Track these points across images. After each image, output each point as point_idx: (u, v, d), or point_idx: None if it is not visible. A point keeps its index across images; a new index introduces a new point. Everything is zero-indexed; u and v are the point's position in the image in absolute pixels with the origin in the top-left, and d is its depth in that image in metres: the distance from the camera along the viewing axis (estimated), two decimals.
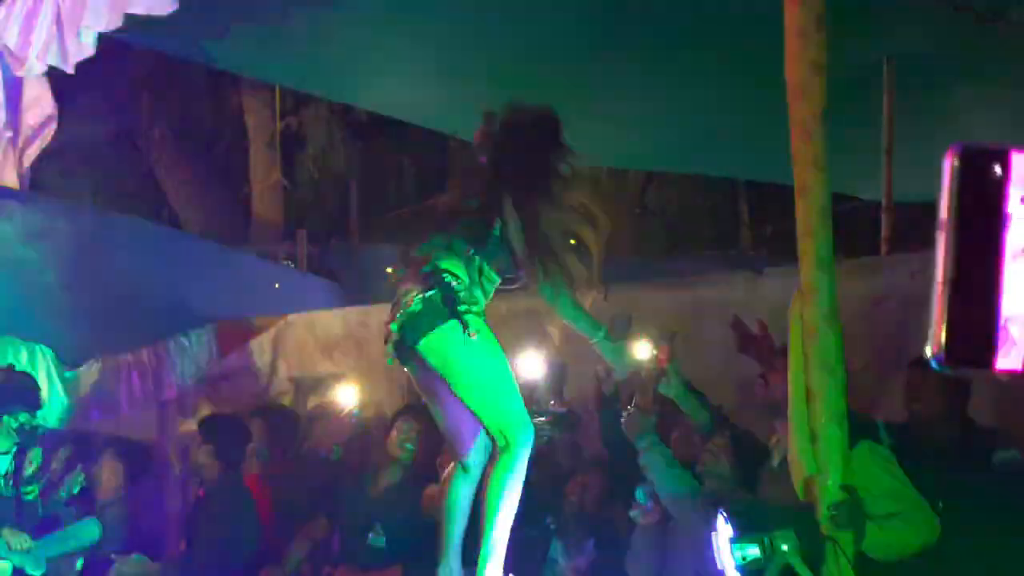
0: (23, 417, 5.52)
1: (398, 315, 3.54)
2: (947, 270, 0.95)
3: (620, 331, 3.85)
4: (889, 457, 3.51)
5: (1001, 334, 0.95)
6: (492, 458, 3.54)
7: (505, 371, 3.55)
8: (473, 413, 3.53)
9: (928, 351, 0.96)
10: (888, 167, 6.22)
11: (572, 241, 3.61)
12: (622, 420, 4.42)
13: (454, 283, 3.50)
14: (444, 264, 3.56)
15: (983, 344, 0.96)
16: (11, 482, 5.57)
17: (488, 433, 3.53)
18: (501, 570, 3.50)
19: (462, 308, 3.46)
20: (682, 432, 4.69)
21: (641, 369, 4.37)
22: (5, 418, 5.47)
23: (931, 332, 0.96)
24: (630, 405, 4.39)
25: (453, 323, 3.45)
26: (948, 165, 0.98)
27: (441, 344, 3.47)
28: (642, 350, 4.16)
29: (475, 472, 3.65)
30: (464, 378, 3.50)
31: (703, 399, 4.55)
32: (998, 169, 0.97)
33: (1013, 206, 0.96)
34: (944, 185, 0.97)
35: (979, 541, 3.50)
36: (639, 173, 12.16)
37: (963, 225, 0.96)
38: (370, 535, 5.32)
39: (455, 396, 3.54)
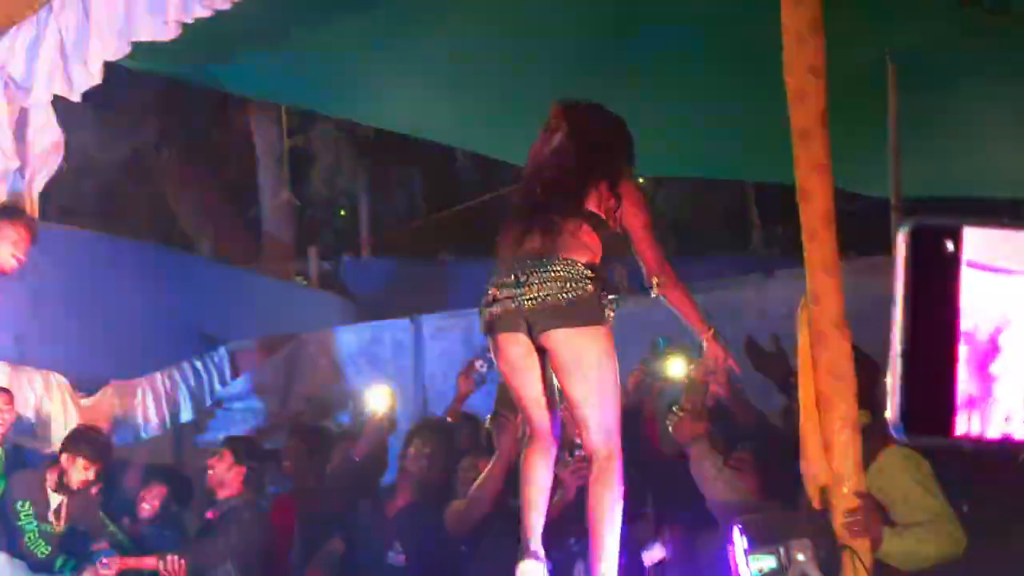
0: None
1: (540, 294, 3.65)
2: (902, 344, 0.98)
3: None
4: (920, 465, 3.45)
5: (958, 404, 0.98)
6: (594, 474, 3.67)
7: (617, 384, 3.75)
8: (583, 414, 3.68)
9: (888, 420, 0.99)
10: (896, 164, 6.20)
11: None
12: (670, 425, 4.35)
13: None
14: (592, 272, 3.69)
15: (940, 414, 0.99)
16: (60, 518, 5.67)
17: (590, 440, 3.68)
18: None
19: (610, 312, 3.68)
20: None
21: (688, 373, 4.41)
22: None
23: (889, 402, 0.99)
24: (675, 408, 4.33)
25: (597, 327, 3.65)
26: (901, 243, 1.00)
27: (582, 341, 3.65)
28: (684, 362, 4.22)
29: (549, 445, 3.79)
30: (594, 380, 3.67)
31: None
32: (950, 245, 0.99)
33: (966, 281, 0.99)
34: (897, 262, 1.00)
35: (1006, 541, 3.46)
36: (648, 178, 12.14)
37: (917, 301, 0.99)
38: (389, 553, 5.31)
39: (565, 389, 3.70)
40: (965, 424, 0.99)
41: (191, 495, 6.44)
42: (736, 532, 3.16)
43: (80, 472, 5.65)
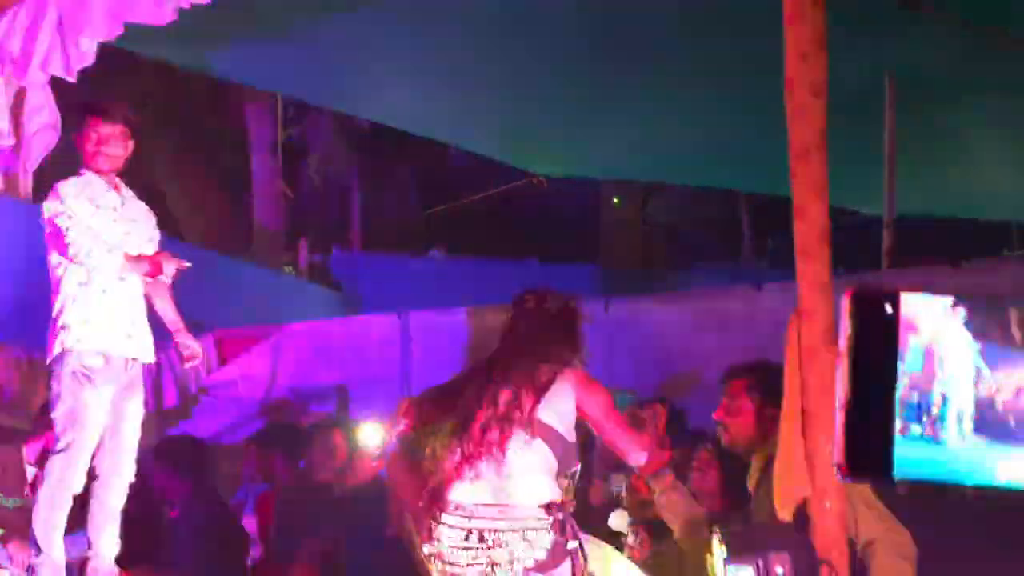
0: None
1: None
2: (847, 394, 1.12)
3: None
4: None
5: (895, 450, 1.11)
6: None
7: None
8: None
9: (834, 463, 1.14)
10: (890, 181, 6.22)
11: None
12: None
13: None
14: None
15: (879, 459, 1.12)
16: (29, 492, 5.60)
17: None
18: None
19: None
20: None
21: (647, 407, 4.34)
22: None
23: (835, 447, 1.13)
24: None
25: None
26: (844, 307, 1.13)
27: None
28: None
29: None
30: None
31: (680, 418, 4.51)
32: (889, 308, 1.12)
33: (904, 340, 1.12)
34: (843, 322, 1.13)
35: (956, 564, 3.47)
36: (641, 184, 12.16)
37: (860, 357, 1.12)
38: None
39: None
40: (904, 470, 1.12)
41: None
42: (716, 542, 3.17)
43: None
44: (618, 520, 4.33)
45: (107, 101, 5.25)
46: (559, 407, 3.69)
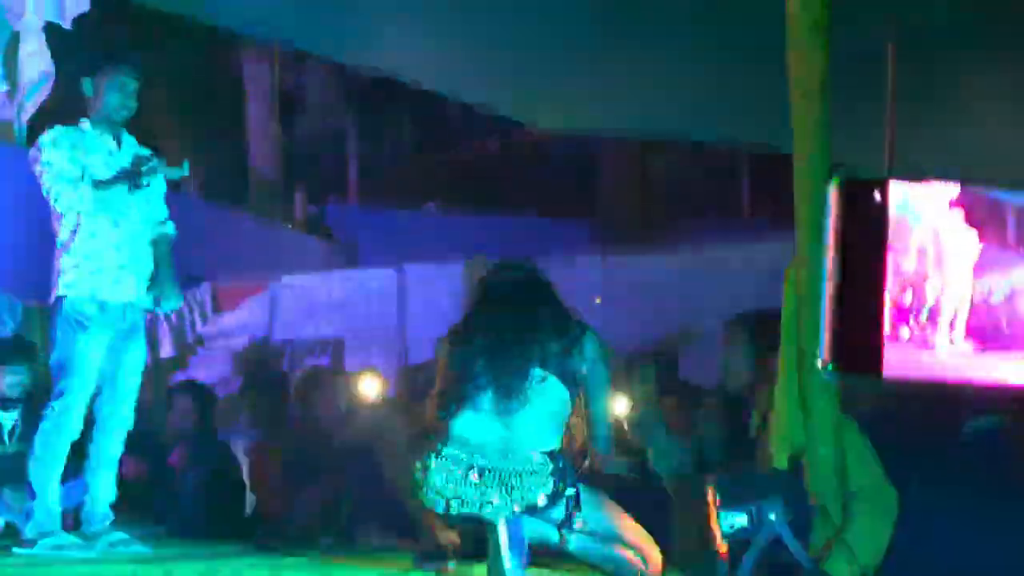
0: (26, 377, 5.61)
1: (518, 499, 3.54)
2: (834, 286, 1.05)
3: (646, 380, 3.92)
4: (860, 432, 3.46)
5: (886, 343, 1.03)
6: None
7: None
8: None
9: (819, 360, 1.06)
10: (890, 144, 6.19)
11: None
12: (627, 416, 4.24)
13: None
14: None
15: (869, 353, 1.07)
16: (14, 439, 5.58)
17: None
18: None
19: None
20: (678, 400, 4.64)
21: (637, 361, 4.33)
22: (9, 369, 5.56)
23: (822, 341, 1.05)
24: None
25: None
26: (833, 195, 1.06)
27: None
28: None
29: None
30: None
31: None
32: (877, 196, 1.07)
33: (892, 230, 1.08)
34: (831, 213, 1.07)
35: (950, 517, 3.48)
36: (640, 139, 12.10)
37: (848, 247, 1.07)
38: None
39: None
40: (895, 365, 1.07)
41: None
42: (710, 489, 3.18)
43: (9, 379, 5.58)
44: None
45: (117, 52, 5.25)
46: (573, 359, 3.67)
